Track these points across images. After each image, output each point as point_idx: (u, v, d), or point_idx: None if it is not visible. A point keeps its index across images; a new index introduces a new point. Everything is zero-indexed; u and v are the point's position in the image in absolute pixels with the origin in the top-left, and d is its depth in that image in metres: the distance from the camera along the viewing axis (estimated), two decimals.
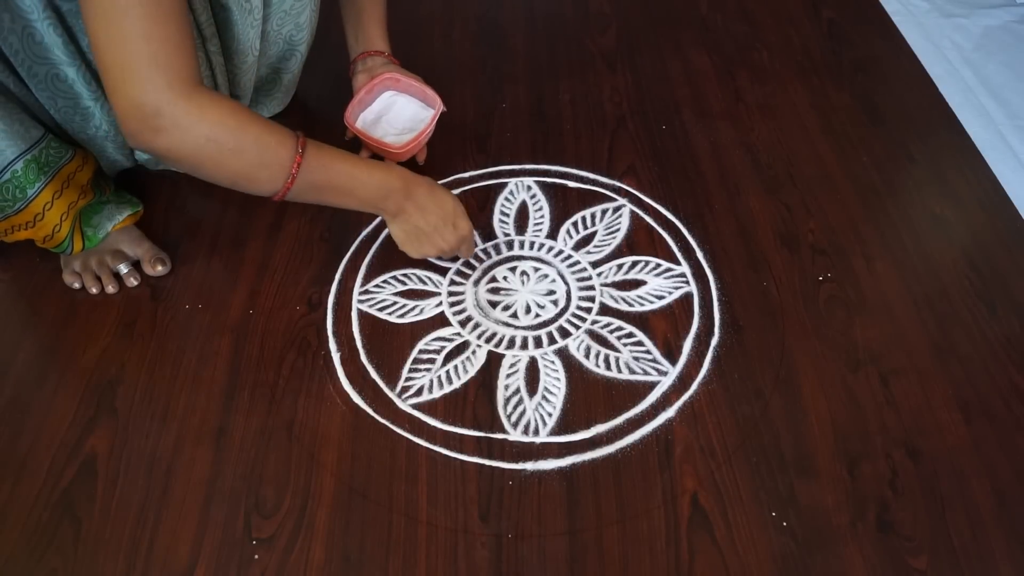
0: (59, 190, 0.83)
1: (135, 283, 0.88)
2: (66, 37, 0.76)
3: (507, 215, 0.96)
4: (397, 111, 0.99)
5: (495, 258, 0.92)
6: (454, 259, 0.90)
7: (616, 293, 0.88)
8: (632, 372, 0.81)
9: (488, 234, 0.94)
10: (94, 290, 0.87)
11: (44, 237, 0.84)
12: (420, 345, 0.83)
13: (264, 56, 0.92)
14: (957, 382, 0.80)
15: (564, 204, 0.97)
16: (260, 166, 0.72)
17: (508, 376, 0.80)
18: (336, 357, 0.82)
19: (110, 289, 0.87)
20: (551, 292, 0.88)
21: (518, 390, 0.79)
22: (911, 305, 0.87)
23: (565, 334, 0.84)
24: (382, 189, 0.79)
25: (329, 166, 0.75)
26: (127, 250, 0.89)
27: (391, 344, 0.83)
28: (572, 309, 0.87)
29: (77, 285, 0.88)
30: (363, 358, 0.82)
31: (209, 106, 0.68)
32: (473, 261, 0.91)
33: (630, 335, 0.84)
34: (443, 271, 0.90)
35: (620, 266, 0.90)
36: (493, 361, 0.82)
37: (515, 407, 0.78)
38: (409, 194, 0.81)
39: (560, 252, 0.92)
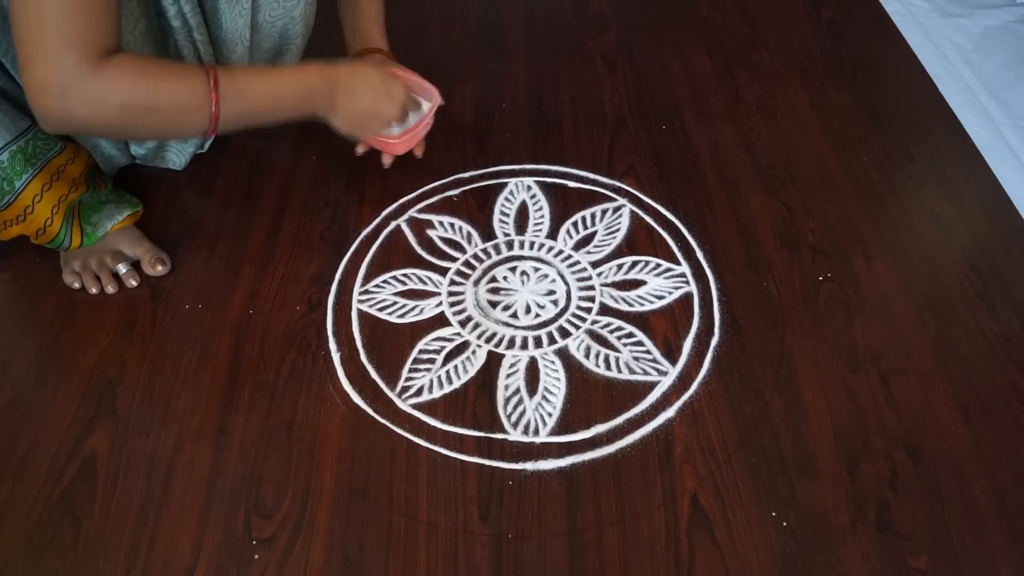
0: (48, 182, 0.82)
1: (134, 284, 0.88)
2: None
3: (507, 215, 0.96)
4: None
5: (495, 258, 0.92)
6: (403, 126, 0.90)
7: (616, 293, 0.88)
8: (632, 372, 0.81)
9: (488, 234, 0.94)
10: (93, 290, 0.87)
11: (36, 232, 0.84)
12: (420, 345, 0.83)
13: (258, 49, 0.92)
14: (957, 382, 0.80)
15: (564, 204, 0.97)
16: (180, 113, 0.73)
17: (508, 376, 0.80)
18: (336, 357, 0.82)
19: (109, 289, 0.87)
20: (551, 292, 0.88)
21: (518, 390, 0.79)
22: (911, 305, 0.87)
23: (565, 334, 0.84)
24: (305, 90, 0.80)
25: (247, 90, 0.76)
26: (126, 250, 0.89)
27: (391, 344, 0.83)
28: (572, 309, 0.87)
29: (77, 285, 0.88)
30: (363, 358, 0.82)
31: (117, 75, 0.68)
32: (473, 261, 0.91)
33: (630, 335, 0.84)
34: (443, 271, 0.90)
35: (620, 266, 0.90)
36: (493, 361, 0.82)
37: (515, 407, 0.78)
38: (334, 85, 0.81)
39: (560, 252, 0.92)
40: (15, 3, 0.65)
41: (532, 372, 0.81)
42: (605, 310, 0.86)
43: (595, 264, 0.91)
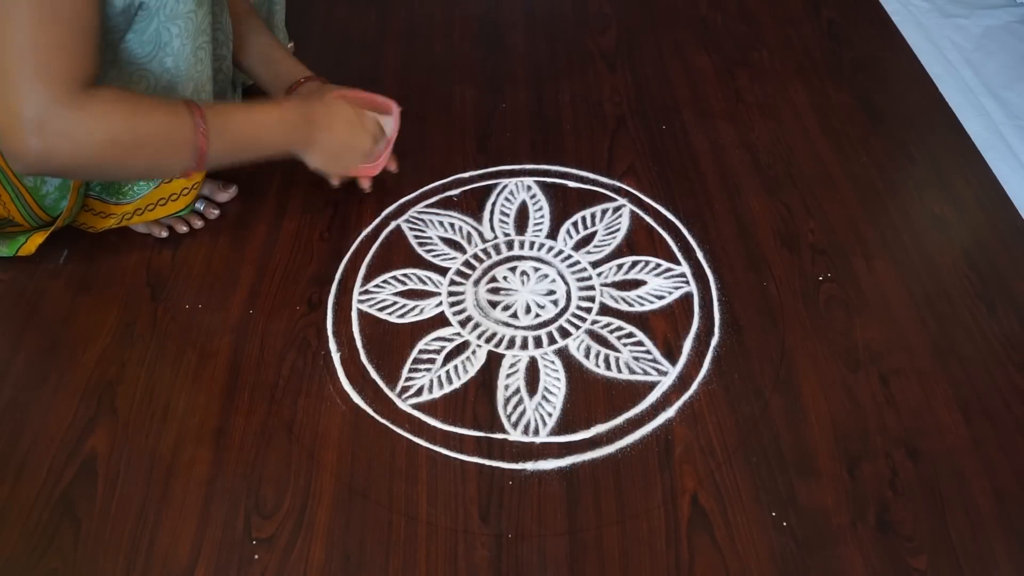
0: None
1: (216, 213, 0.93)
2: None
3: (507, 215, 0.96)
4: None
5: (495, 258, 0.92)
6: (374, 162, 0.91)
7: (616, 293, 0.88)
8: (632, 372, 0.81)
9: (488, 234, 0.94)
10: (184, 228, 0.92)
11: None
12: (420, 345, 0.83)
13: None
14: (957, 382, 0.80)
15: (564, 204, 0.97)
16: (167, 150, 0.70)
17: (508, 376, 0.80)
18: (336, 357, 0.82)
19: (198, 223, 0.92)
20: (551, 292, 0.88)
21: (518, 390, 0.79)
22: (911, 305, 0.87)
23: (565, 334, 0.84)
24: (285, 124, 0.79)
25: (230, 125, 0.75)
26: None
27: (391, 344, 0.83)
28: (572, 309, 0.87)
29: (165, 234, 0.91)
30: (363, 358, 0.82)
31: (102, 108, 0.65)
32: (473, 261, 0.91)
33: (630, 335, 0.84)
34: (443, 271, 0.90)
35: (620, 266, 0.90)
36: (493, 361, 0.82)
37: (515, 407, 0.78)
38: (312, 120, 0.80)
39: (560, 252, 0.92)
40: None
41: (532, 372, 0.81)
42: (605, 310, 0.86)
43: (595, 264, 0.91)
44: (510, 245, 0.93)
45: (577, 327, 0.85)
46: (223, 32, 0.86)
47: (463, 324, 0.85)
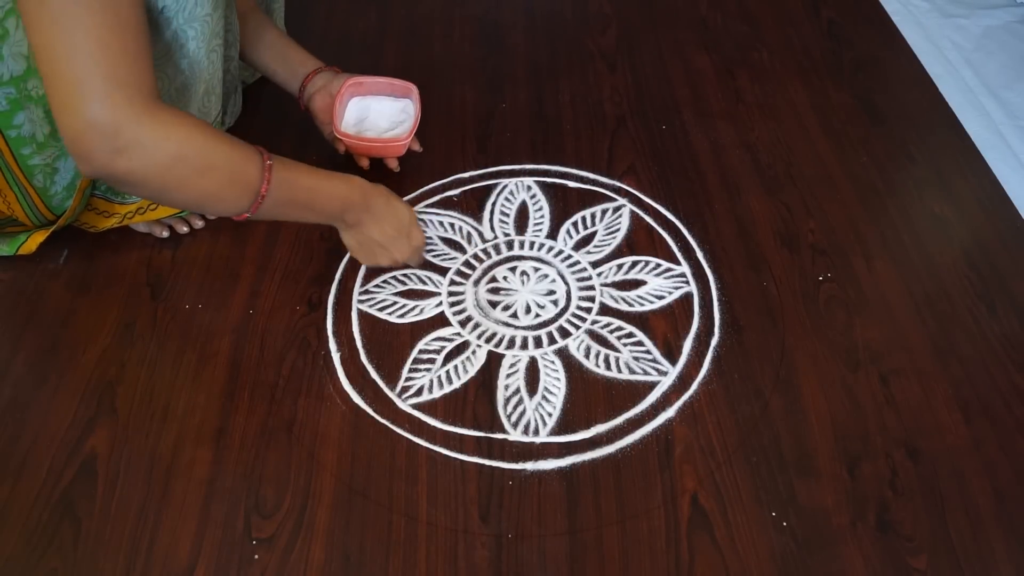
0: None
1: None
2: None
3: (507, 215, 0.96)
4: (375, 112, 0.98)
5: (495, 258, 0.92)
6: (404, 266, 0.89)
7: (616, 293, 0.88)
8: (632, 372, 0.81)
9: (488, 234, 0.94)
10: (184, 229, 0.92)
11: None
12: (420, 345, 0.83)
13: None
14: (957, 382, 0.80)
15: (564, 204, 0.97)
16: (229, 184, 0.69)
17: (508, 376, 0.80)
18: (336, 357, 0.82)
19: (198, 223, 0.92)
20: (551, 292, 0.88)
21: (518, 390, 0.79)
22: (911, 305, 0.87)
23: (565, 334, 0.84)
24: (343, 202, 0.78)
25: (295, 181, 0.73)
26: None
27: (391, 344, 0.83)
28: (572, 309, 0.87)
29: (166, 234, 0.91)
30: (363, 358, 0.82)
31: (174, 123, 0.64)
32: (473, 261, 0.91)
33: (630, 335, 0.84)
34: (443, 271, 0.90)
35: (620, 266, 0.90)
36: (493, 361, 0.82)
37: (515, 407, 0.78)
38: (367, 206, 0.80)
39: (560, 252, 0.92)
40: (45, 42, 0.59)
41: (532, 372, 0.81)
42: (605, 310, 0.86)
43: (595, 264, 0.91)
44: (510, 245, 0.93)
45: (577, 327, 0.85)
46: (232, 33, 0.86)
47: (463, 324, 0.85)
